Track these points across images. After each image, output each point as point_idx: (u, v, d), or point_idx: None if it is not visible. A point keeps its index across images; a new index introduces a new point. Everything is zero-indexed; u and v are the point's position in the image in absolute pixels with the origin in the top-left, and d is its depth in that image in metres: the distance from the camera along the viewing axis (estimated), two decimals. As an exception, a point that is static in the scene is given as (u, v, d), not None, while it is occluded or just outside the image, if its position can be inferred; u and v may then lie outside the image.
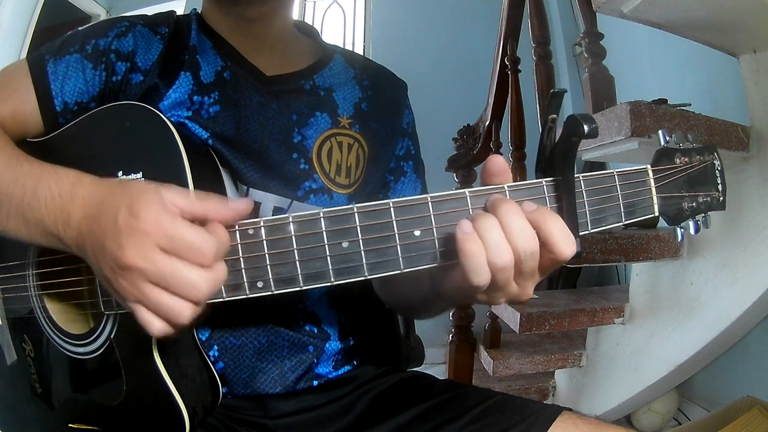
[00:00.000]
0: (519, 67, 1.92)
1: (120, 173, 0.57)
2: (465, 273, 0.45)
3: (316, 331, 0.73)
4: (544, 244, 0.45)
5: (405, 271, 0.48)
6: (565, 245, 0.45)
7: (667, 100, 1.41)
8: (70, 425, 0.64)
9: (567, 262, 0.47)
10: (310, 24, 0.89)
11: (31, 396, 0.70)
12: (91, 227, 0.47)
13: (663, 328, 1.60)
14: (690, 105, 1.42)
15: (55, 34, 0.73)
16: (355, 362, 0.78)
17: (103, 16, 3.40)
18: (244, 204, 0.47)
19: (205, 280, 0.44)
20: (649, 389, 1.67)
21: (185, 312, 0.44)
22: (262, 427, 0.71)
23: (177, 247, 0.43)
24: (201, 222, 0.46)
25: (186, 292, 0.44)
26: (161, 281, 0.44)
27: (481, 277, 0.45)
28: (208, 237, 0.44)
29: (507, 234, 0.44)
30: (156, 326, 0.45)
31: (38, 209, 0.51)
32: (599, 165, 2.13)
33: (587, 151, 1.40)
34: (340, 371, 0.76)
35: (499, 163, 0.48)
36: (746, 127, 1.36)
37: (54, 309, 0.66)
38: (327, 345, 0.74)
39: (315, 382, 0.73)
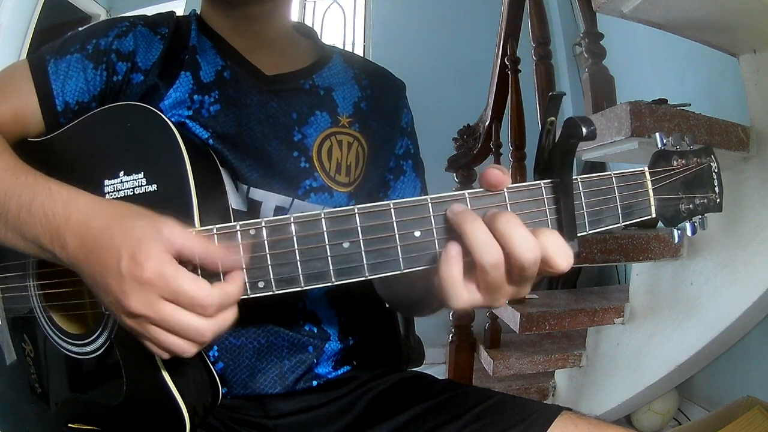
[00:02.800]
0: (519, 67, 1.92)
1: (121, 173, 0.57)
2: (443, 297, 0.46)
3: (315, 331, 0.73)
4: (541, 260, 0.45)
5: (405, 271, 0.48)
6: (562, 259, 0.45)
7: (667, 100, 1.41)
8: (69, 425, 0.64)
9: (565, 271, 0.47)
10: (309, 25, 0.89)
11: (30, 396, 0.70)
12: (88, 260, 0.48)
13: (663, 328, 1.60)
14: (690, 105, 1.42)
15: (55, 34, 0.73)
16: (354, 362, 0.78)
17: (103, 16, 3.40)
18: (235, 262, 0.48)
19: (209, 326, 0.46)
20: (649, 389, 1.68)
21: (189, 350, 0.47)
22: (262, 427, 0.71)
23: (180, 300, 0.45)
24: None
25: (190, 336, 0.46)
26: (166, 326, 0.46)
27: (457, 300, 0.46)
28: (211, 293, 0.46)
29: (509, 245, 0.44)
30: (161, 355, 0.49)
31: (33, 227, 0.51)
32: (599, 165, 2.14)
33: (587, 152, 1.40)
34: (340, 371, 0.76)
35: (497, 177, 0.48)
36: (746, 127, 1.36)
37: (54, 309, 0.66)
38: (327, 345, 0.74)
39: (314, 382, 0.73)
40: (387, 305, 0.83)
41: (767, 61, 1.33)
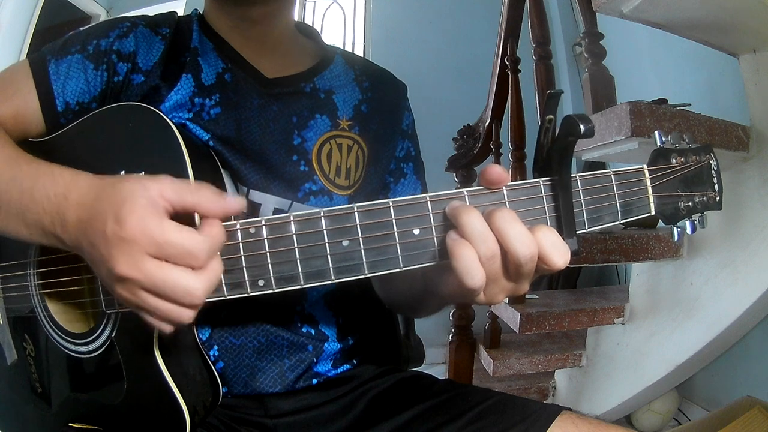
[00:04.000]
0: (519, 67, 1.93)
1: (122, 173, 0.57)
2: (459, 276, 0.45)
3: (313, 333, 0.74)
4: (538, 257, 0.46)
5: (405, 269, 0.48)
6: (558, 257, 0.45)
7: (667, 100, 1.41)
8: (70, 425, 0.64)
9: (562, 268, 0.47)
10: (311, 25, 0.89)
11: (31, 395, 0.70)
12: (86, 234, 0.47)
13: (663, 328, 1.60)
14: (690, 105, 1.42)
15: (55, 34, 0.73)
16: (354, 361, 0.78)
17: (104, 16, 3.40)
18: (237, 204, 0.47)
19: (199, 283, 0.44)
20: (649, 389, 1.68)
21: (184, 315, 0.45)
22: (262, 427, 0.71)
23: (166, 253, 0.43)
24: (192, 217, 0.46)
25: (181, 298, 0.44)
26: (155, 289, 0.43)
27: (475, 278, 0.45)
28: (197, 238, 0.43)
29: (505, 241, 0.45)
30: (161, 327, 0.46)
31: (36, 210, 0.50)
32: (599, 165, 2.13)
33: (587, 151, 1.41)
34: (340, 369, 0.76)
35: (497, 174, 0.48)
36: (746, 127, 1.36)
37: (55, 308, 0.66)
38: (326, 345, 0.74)
39: (314, 381, 0.74)
40: (386, 306, 0.83)
41: (767, 61, 1.33)
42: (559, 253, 0.45)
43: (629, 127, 1.17)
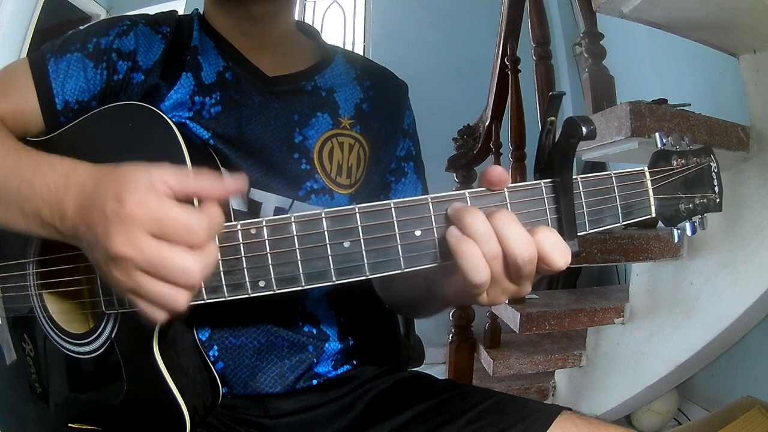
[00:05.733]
0: (519, 67, 1.93)
1: None
2: (465, 273, 0.45)
3: (315, 332, 0.73)
4: (538, 257, 0.46)
5: (406, 270, 0.48)
6: (558, 256, 0.45)
7: (667, 100, 1.41)
8: (70, 425, 0.64)
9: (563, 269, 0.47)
10: (311, 24, 0.89)
11: (30, 396, 0.70)
12: (84, 218, 0.46)
13: (663, 328, 1.60)
14: (690, 105, 1.42)
15: (55, 34, 0.73)
16: (354, 362, 0.78)
17: (103, 16, 3.40)
18: (236, 182, 0.46)
19: (196, 264, 0.43)
20: (649, 389, 1.68)
21: (180, 299, 0.43)
22: (262, 427, 0.71)
23: (165, 230, 0.42)
24: (192, 201, 0.45)
25: (177, 278, 0.42)
26: (151, 269, 0.42)
27: (481, 273, 0.45)
28: (198, 216, 0.43)
29: (504, 243, 0.45)
30: (155, 315, 0.45)
31: (34, 200, 0.50)
32: (599, 165, 2.14)
33: (587, 151, 1.41)
34: (340, 370, 0.76)
35: (498, 174, 0.48)
36: (746, 127, 1.36)
37: (54, 308, 0.66)
38: (326, 345, 0.74)
39: (314, 381, 0.73)
40: (387, 307, 0.83)
41: (767, 61, 1.33)
42: (560, 253, 0.45)
43: (629, 127, 1.17)
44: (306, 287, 0.48)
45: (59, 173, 0.49)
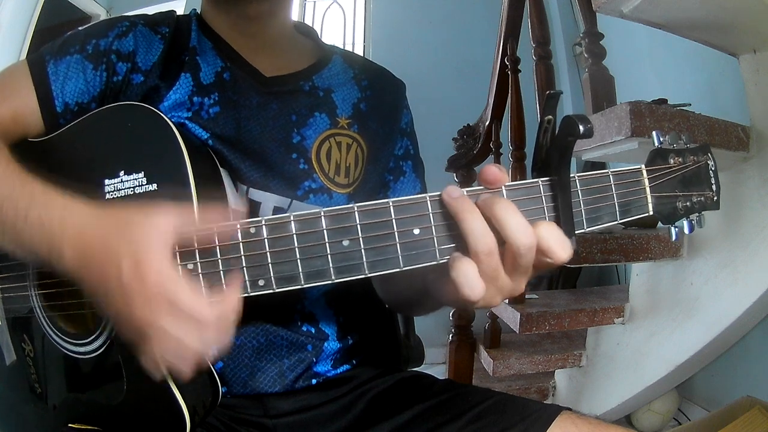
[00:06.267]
0: (519, 67, 1.93)
1: (122, 173, 0.57)
2: (459, 288, 0.46)
3: (313, 332, 0.73)
4: (540, 251, 0.46)
5: (405, 269, 0.48)
6: (561, 250, 0.46)
7: (667, 100, 1.41)
8: (70, 425, 0.64)
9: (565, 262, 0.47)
10: (310, 25, 0.89)
11: (30, 396, 0.70)
12: (88, 271, 0.48)
13: (663, 328, 1.60)
14: (690, 105, 1.42)
15: (55, 34, 0.73)
16: (354, 361, 0.78)
17: (103, 16, 3.40)
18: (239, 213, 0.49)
19: (210, 340, 0.46)
20: (649, 389, 1.68)
21: (184, 367, 0.47)
22: (262, 427, 0.71)
23: (178, 316, 0.45)
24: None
25: (185, 355, 0.46)
26: (165, 339, 0.45)
27: (475, 290, 0.45)
28: (209, 311, 0.45)
29: (505, 231, 0.45)
30: (158, 372, 0.48)
31: (30, 236, 0.51)
32: (599, 165, 2.13)
33: (587, 151, 1.41)
34: (339, 370, 0.76)
35: (493, 173, 0.48)
36: (746, 127, 1.36)
37: (54, 308, 0.66)
38: (325, 344, 0.74)
39: (314, 381, 0.74)
40: (386, 305, 0.83)
41: (767, 61, 1.33)
42: (562, 246, 0.46)
43: (629, 127, 1.17)
44: (305, 286, 0.48)
45: (54, 212, 0.50)
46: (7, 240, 0.54)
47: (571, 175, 0.49)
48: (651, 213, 0.53)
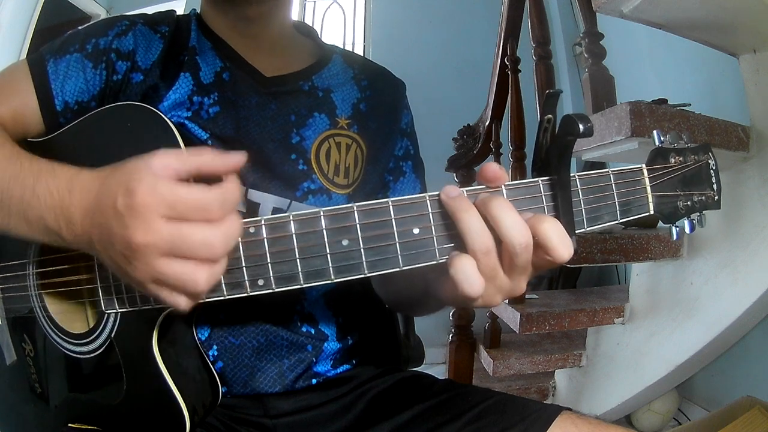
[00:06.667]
0: (519, 67, 1.93)
1: None
2: (458, 285, 0.46)
3: (313, 332, 0.73)
4: (541, 247, 0.46)
5: (404, 268, 0.48)
6: (563, 248, 0.46)
7: (667, 100, 1.41)
8: (70, 425, 0.64)
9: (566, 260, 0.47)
10: (309, 24, 0.89)
11: (30, 396, 0.70)
12: (94, 220, 0.46)
13: (663, 328, 1.60)
14: (690, 105, 1.42)
15: (55, 34, 0.73)
16: (354, 361, 0.78)
17: (103, 16, 3.39)
18: (237, 157, 0.47)
19: (217, 234, 0.43)
20: (649, 389, 1.68)
21: (202, 276, 0.43)
22: (262, 427, 0.71)
23: (180, 210, 0.42)
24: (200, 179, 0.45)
25: (200, 252, 0.43)
26: (174, 249, 0.42)
27: (474, 287, 0.45)
28: (209, 192, 0.43)
29: (500, 229, 0.45)
30: (178, 303, 0.45)
31: (38, 207, 0.50)
32: (599, 165, 2.13)
33: (587, 151, 1.41)
34: (339, 369, 0.76)
35: (493, 171, 0.48)
36: (746, 127, 1.36)
37: (54, 308, 0.66)
38: (325, 345, 0.74)
39: (314, 381, 0.73)
40: (386, 305, 0.83)
41: (767, 61, 1.33)
42: (564, 243, 0.46)
43: (629, 127, 1.17)
44: (305, 285, 0.48)
45: (62, 179, 0.49)
46: (14, 219, 0.53)
47: (571, 175, 0.49)
48: (652, 212, 0.53)
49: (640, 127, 1.18)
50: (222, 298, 0.49)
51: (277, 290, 0.48)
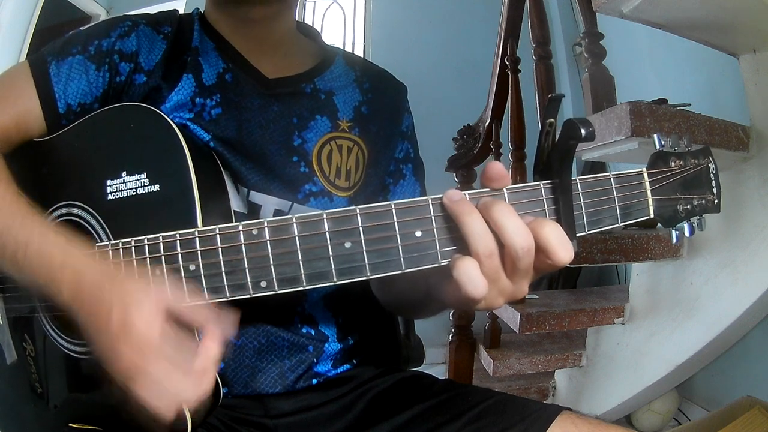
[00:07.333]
0: (519, 67, 1.93)
1: (124, 173, 0.57)
2: (462, 287, 0.46)
3: (313, 333, 0.74)
4: (542, 251, 0.46)
5: (406, 271, 0.48)
6: (563, 251, 0.46)
7: (667, 100, 1.41)
8: (70, 425, 0.64)
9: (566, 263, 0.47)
10: (312, 25, 0.89)
11: (31, 395, 0.70)
12: (82, 311, 0.50)
13: (663, 328, 1.60)
14: (690, 105, 1.42)
15: (55, 34, 0.73)
16: (354, 361, 0.78)
17: (104, 16, 3.39)
18: (228, 323, 0.49)
19: (190, 391, 0.47)
20: (649, 389, 1.68)
21: (167, 410, 0.47)
22: (263, 427, 0.71)
23: (167, 354, 0.46)
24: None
25: (167, 397, 0.47)
26: (149, 383, 0.46)
27: (478, 288, 0.46)
28: (187, 364, 0.47)
29: (503, 233, 0.45)
30: (152, 406, 0.48)
31: (30, 269, 0.53)
32: (599, 165, 2.14)
33: (587, 151, 1.41)
34: (340, 369, 0.76)
35: (497, 170, 0.48)
36: (746, 127, 1.36)
37: (55, 308, 0.66)
38: (326, 345, 0.74)
39: (314, 381, 0.74)
40: (386, 308, 0.83)
41: (767, 61, 1.33)
42: (564, 247, 0.46)
43: (629, 127, 1.18)
44: (307, 287, 0.48)
45: (54, 249, 0.52)
46: (8, 266, 0.56)
47: (573, 178, 0.49)
48: (652, 216, 0.53)
49: (640, 127, 1.18)
50: (225, 299, 0.49)
51: (279, 292, 0.48)
